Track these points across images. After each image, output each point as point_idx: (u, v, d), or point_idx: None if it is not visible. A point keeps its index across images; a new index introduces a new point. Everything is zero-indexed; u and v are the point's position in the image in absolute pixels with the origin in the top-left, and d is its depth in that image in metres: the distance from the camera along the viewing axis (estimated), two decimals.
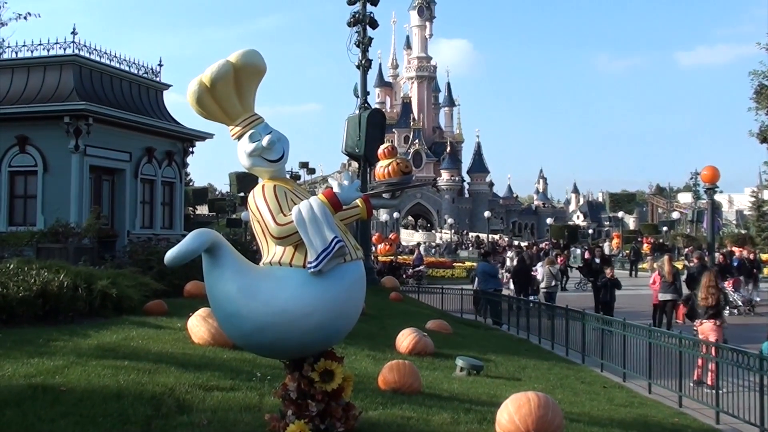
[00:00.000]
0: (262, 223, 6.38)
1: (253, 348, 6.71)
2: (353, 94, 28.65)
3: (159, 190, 28.67)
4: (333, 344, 6.86)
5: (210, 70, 6.45)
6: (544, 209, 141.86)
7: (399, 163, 7.74)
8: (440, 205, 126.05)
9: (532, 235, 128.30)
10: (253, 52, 6.66)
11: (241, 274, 6.35)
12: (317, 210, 6.30)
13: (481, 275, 28.12)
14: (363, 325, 14.06)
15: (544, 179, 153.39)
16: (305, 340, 6.37)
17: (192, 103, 6.56)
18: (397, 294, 26.37)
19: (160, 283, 17.03)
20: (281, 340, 6.31)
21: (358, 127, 26.77)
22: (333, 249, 6.23)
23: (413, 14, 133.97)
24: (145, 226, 27.86)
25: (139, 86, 28.82)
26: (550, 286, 28.41)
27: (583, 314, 18.28)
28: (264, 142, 6.56)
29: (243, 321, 6.28)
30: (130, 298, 14.98)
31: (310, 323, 6.27)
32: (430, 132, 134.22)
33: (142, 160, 27.55)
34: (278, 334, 6.27)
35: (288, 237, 6.29)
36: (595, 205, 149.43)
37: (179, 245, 6.16)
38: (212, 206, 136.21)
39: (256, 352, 6.96)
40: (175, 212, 29.80)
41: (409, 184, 7.95)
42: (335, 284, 6.37)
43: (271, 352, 6.69)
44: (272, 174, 6.70)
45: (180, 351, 11.01)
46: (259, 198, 6.44)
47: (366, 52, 28.85)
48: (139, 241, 23.67)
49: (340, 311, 6.44)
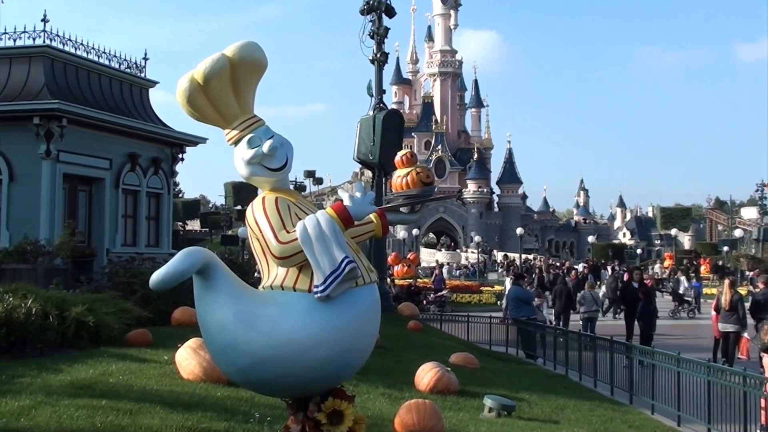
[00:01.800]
0: (261, 241, 6.39)
1: (251, 385, 6.71)
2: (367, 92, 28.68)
3: (144, 202, 28.76)
4: (343, 381, 6.85)
5: (203, 65, 6.48)
6: (584, 225, 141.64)
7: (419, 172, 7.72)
8: (466, 220, 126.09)
9: (571, 255, 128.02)
10: (252, 45, 6.69)
11: (237, 299, 6.36)
12: (325, 226, 6.31)
13: (512, 301, 28.11)
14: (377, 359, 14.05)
15: (585, 191, 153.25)
16: (311, 375, 6.36)
17: (182, 102, 6.58)
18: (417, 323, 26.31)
19: (144, 310, 17.04)
20: (283, 375, 6.31)
21: (372, 130, 26.79)
22: (343, 271, 6.22)
23: (436, 1, 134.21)
24: (128, 243, 27.92)
25: (121, 83, 28.95)
26: (591, 310, 28.72)
27: (630, 347, 18.21)
28: (265, 148, 6.58)
29: (240, 353, 6.28)
30: (110, 326, 14.98)
31: (316, 356, 6.26)
32: (454, 136, 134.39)
33: (125, 167, 27.64)
34: (280, 369, 6.27)
35: (291, 257, 6.29)
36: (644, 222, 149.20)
37: (167, 266, 6.17)
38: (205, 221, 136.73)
39: (255, 389, 6.96)
40: (162, 228, 29.88)
41: (431, 197, 7.91)
42: (345, 312, 6.36)
43: (272, 389, 6.68)
44: (274, 184, 6.71)
45: (167, 388, 11.01)
46: (259, 212, 6.46)
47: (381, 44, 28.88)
48: (120, 261, 23.70)
49: (351, 343, 6.43)
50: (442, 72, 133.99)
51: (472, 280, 65.94)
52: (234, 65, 6.55)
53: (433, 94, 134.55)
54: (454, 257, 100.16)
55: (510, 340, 27.44)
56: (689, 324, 38.38)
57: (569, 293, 32.69)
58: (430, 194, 7.86)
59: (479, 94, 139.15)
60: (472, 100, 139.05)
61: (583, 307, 29.56)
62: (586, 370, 20.71)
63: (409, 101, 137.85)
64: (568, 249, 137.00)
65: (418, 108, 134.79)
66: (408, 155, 7.87)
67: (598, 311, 30.30)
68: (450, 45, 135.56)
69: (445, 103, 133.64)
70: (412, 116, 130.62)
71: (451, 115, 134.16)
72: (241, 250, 49.61)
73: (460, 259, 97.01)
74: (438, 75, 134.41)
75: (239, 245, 58.63)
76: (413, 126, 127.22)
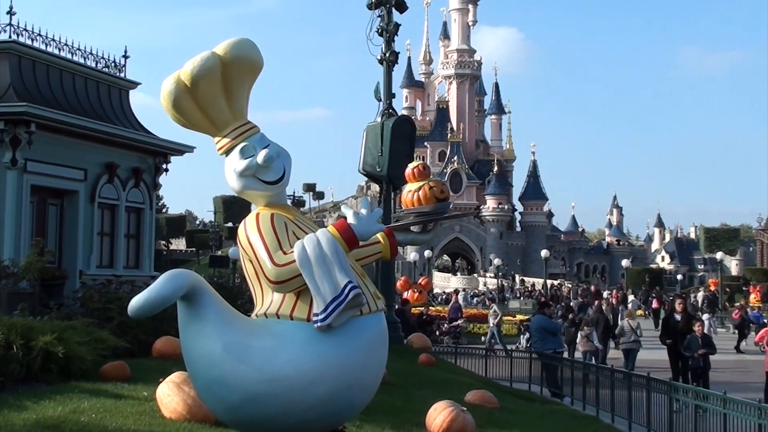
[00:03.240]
0: (255, 263, 6.40)
1: (242, 424, 6.71)
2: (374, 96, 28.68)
3: (122, 218, 28.77)
4: (345, 421, 6.86)
5: (191, 64, 6.51)
6: (618, 248, 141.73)
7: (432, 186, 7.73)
8: (484, 241, 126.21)
9: (603, 280, 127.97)
10: (246, 42, 6.72)
11: (227, 328, 6.37)
12: (326, 247, 6.32)
13: (536, 332, 28.05)
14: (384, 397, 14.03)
15: (618, 209, 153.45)
16: (309, 415, 6.37)
17: (167, 106, 6.61)
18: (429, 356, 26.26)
19: (121, 340, 16.99)
20: (278, 415, 6.32)
21: (380, 139, 26.78)
22: (346, 297, 6.24)
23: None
24: (104, 264, 27.90)
25: (98, 84, 28.98)
26: (629, 341, 28.84)
27: (671, 385, 18.16)
28: (259, 158, 6.60)
29: (229, 389, 6.29)
30: (82, 358, 14.96)
31: (315, 394, 6.27)
32: (472, 147, 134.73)
33: (101, 179, 27.64)
34: (274, 408, 6.28)
35: (288, 281, 6.30)
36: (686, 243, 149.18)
37: (148, 291, 6.19)
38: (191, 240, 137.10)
39: (246, 429, 6.95)
40: (142, 247, 29.87)
41: (445, 215, 7.92)
42: (348, 344, 6.37)
43: (265, 430, 6.68)
44: (269, 199, 6.73)
45: (146, 428, 11.00)
46: (252, 230, 6.47)
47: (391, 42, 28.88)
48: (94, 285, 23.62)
49: (354, 378, 6.44)
50: (459, 74, 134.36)
51: None
52: (225, 65, 6.58)
53: (449, 99, 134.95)
54: (471, 282, 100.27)
55: (533, 376, 27.36)
56: (737, 359, 38.26)
57: (607, 322, 32.72)
58: (445, 211, 7.87)
59: (500, 99, 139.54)
60: (492, 105, 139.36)
61: (622, 338, 29.69)
62: (620, 410, 20.64)
63: (422, 106, 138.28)
64: (598, 274, 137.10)
65: (431, 114, 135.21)
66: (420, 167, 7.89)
67: (639, 342, 30.29)
68: (468, 43, 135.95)
69: (462, 108, 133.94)
70: (425, 123, 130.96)
71: (469, 123, 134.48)
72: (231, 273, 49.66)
73: (478, 285, 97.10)
74: (454, 77, 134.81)
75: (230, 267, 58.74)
76: (426, 134, 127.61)
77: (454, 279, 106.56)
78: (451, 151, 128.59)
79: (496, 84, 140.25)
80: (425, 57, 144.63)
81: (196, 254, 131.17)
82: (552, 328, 28.46)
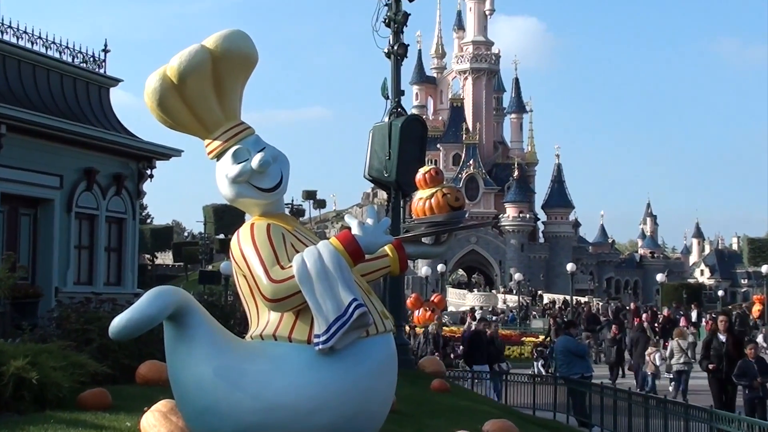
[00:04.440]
0: (250, 279, 6.41)
1: None
2: (381, 94, 28.69)
3: (102, 229, 28.79)
4: None
5: (178, 59, 6.52)
6: (652, 261, 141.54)
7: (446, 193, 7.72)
8: (504, 254, 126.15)
9: (635, 296, 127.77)
10: (238, 35, 6.73)
11: (219, 351, 6.37)
12: (329, 261, 6.32)
13: (561, 355, 27.97)
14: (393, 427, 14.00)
15: (652, 217, 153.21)
16: None
17: (152, 106, 6.62)
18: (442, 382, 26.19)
19: (102, 364, 16.98)
20: None
21: (388, 141, 26.76)
22: (351, 317, 6.24)
23: None
24: (82, 281, 27.92)
25: (75, 81, 29.01)
26: (679, 362, 28.86)
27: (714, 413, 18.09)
28: (254, 163, 6.61)
29: (221, 419, 6.29)
30: (58, 385, 14.94)
31: (317, 423, 6.27)
32: (490, 149, 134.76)
33: (79, 186, 27.66)
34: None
35: (286, 299, 6.31)
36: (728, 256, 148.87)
37: (131, 310, 6.20)
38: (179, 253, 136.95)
39: None
40: (125, 262, 29.88)
41: (460, 225, 7.90)
42: (353, 368, 6.38)
43: None
44: (265, 208, 6.74)
45: None
46: (247, 243, 6.47)
47: (400, 33, 28.84)
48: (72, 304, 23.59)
49: (360, 406, 6.44)
50: (475, 68, 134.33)
51: (512, 328, 65.74)
52: (216, 59, 6.59)
53: (464, 96, 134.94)
54: (489, 299, 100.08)
55: (559, 403, 27.31)
56: None
57: (647, 342, 32.75)
58: (460, 221, 7.84)
59: (521, 96, 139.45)
60: (512, 103, 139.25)
61: (672, 359, 29.72)
62: None
63: (434, 104, 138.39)
64: (630, 290, 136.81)
65: (444, 113, 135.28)
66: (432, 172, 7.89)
67: (690, 364, 30.29)
68: (485, 35, 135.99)
69: (479, 106, 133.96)
70: (438, 123, 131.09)
71: (486, 123, 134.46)
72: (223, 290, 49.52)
73: (497, 302, 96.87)
74: (470, 72, 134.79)
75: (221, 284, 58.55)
76: (439, 135, 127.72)
77: (471, 296, 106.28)
78: (466, 154, 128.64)
79: (516, 79, 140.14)
80: (438, 50, 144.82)
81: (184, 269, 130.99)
82: (579, 350, 28.36)
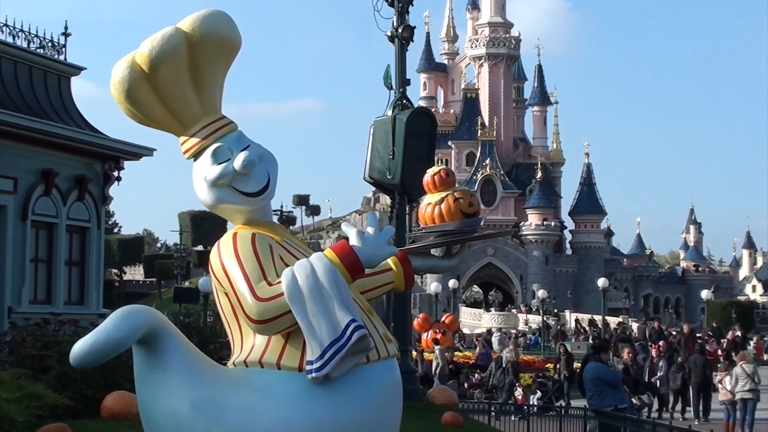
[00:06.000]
0: (232, 297, 6.40)
1: None
2: (383, 83, 28.72)
3: (63, 240, 28.77)
4: None
5: (149, 44, 6.52)
6: (696, 275, 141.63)
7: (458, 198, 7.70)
8: (525, 267, 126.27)
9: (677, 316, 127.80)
10: (218, 16, 6.73)
11: (197, 381, 6.37)
12: (323, 276, 6.31)
13: (591, 384, 27.93)
14: None
15: (696, 226, 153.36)
16: None
17: (120, 98, 6.62)
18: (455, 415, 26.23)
19: (62, 395, 17.03)
20: None
21: (392, 138, 26.76)
22: (349, 340, 6.23)
23: None
24: (39, 300, 27.92)
25: (31, 69, 29.01)
26: (744, 389, 28.83)
27: None
28: (237, 163, 6.60)
29: None
30: (11, 419, 14.97)
31: None
32: (509, 147, 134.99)
33: (35, 191, 27.65)
34: None
35: (274, 320, 6.29)
36: None
37: (95, 333, 6.19)
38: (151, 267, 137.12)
39: None
40: (88, 277, 29.87)
41: (475, 234, 7.87)
42: (352, 399, 6.37)
43: None
44: (250, 215, 6.74)
45: None
46: (229, 255, 6.47)
47: (405, 13, 28.84)
48: (27, 326, 23.73)
49: None
50: (492, 54, 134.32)
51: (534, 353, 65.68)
52: (193, 44, 6.59)
53: (479, 86, 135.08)
54: (509, 320, 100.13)
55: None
56: None
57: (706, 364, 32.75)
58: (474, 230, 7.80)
59: (544, 87, 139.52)
60: (534, 94, 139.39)
61: (737, 386, 29.65)
62: None
63: (445, 95, 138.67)
64: (671, 309, 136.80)
65: (456, 105, 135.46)
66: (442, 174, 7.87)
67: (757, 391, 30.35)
68: (503, 15, 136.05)
69: (496, 98, 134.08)
70: (449, 117, 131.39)
71: (505, 116, 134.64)
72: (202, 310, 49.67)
73: (517, 323, 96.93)
74: (485, 58, 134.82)
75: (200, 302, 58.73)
76: (450, 131, 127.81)
77: (487, 316, 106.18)
78: (482, 153, 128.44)
79: (539, 67, 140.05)
80: (448, 33, 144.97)
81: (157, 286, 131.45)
82: (611, 379, 28.30)
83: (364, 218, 14.50)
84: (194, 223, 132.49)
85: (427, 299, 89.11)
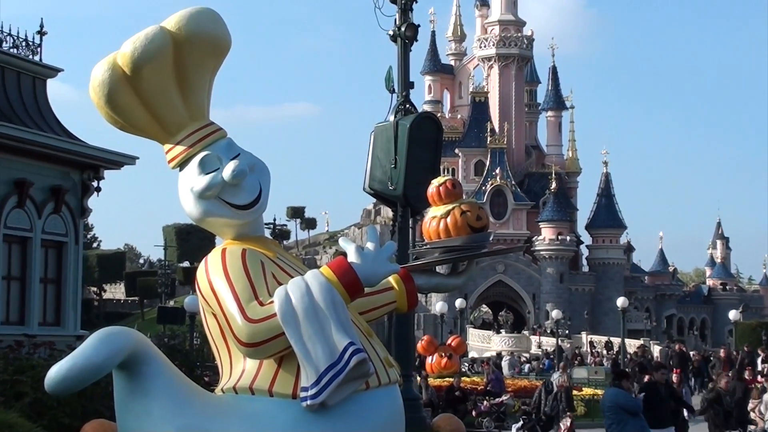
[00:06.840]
0: (221, 318, 6.39)
1: None
2: (385, 86, 28.73)
3: (37, 256, 28.75)
4: None
5: (132, 44, 6.51)
6: (724, 294, 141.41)
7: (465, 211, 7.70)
8: (538, 285, 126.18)
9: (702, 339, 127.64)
10: (206, 14, 6.73)
11: (181, 408, 6.35)
12: (319, 295, 6.30)
13: (610, 412, 27.92)
14: None
15: (724, 240, 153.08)
16: None
17: (99, 102, 6.61)
18: None
19: (36, 424, 17.05)
20: None
21: (394, 145, 26.76)
22: (347, 365, 6.21)
23: None
24: (11, 320, 27.90)
25: (3, 70, 29.01)
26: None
27: None
28: (226, 173, 6.58)
29: None
30: None
31: None
32: (520, 155, 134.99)
33: (8, 202, 27.64)
34: None
35: (266, 343, 6.28)
36: None
37: (73, 356, 6.18)
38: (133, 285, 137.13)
39: None
40: (65, 296, 29.82)
41: (484, 250, 7.86)
42: (350, 428, 6.37)
43: None
44: (240, 229, 6.73)
45: None
46: (217, 273, 6.45)
47: (409, 11, 28.85)
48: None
49: None
50: (503, 54, 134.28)
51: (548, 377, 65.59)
52: (179, 45, 6.58)
53: (488, 89, 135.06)
54: (520, 342, 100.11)
55: None
56: None
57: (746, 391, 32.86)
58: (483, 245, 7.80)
59: (559, 90, 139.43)
60: (548, 98, 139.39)
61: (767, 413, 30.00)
62: None
63: (451, 99, 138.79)
64: (696, 330, 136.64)
65: (464, 110, 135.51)
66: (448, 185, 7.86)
67: None
68: (514, 13, 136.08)
69: (507, 102, 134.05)
70: (456, 122, 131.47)
71: (516, 122, 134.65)
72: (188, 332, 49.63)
73: (530, 346, 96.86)
74: (496, 59, 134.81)
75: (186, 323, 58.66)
76: (457, 138, 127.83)
77: (497, 338, 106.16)
78: (491, 161, 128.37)
79: (554, 68, 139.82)
80: (456, 32, 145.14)
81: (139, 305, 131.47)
82: (631, 407, 28.31)
83: (363, 232, 14.54)
84: (180, 237, 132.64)
85: (431, 320, 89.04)
